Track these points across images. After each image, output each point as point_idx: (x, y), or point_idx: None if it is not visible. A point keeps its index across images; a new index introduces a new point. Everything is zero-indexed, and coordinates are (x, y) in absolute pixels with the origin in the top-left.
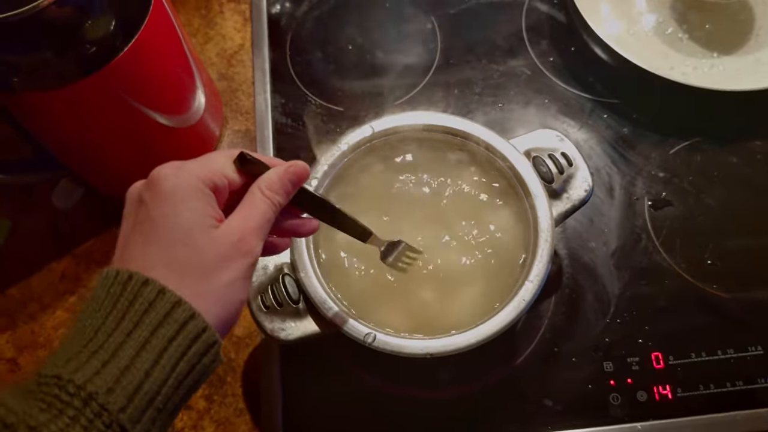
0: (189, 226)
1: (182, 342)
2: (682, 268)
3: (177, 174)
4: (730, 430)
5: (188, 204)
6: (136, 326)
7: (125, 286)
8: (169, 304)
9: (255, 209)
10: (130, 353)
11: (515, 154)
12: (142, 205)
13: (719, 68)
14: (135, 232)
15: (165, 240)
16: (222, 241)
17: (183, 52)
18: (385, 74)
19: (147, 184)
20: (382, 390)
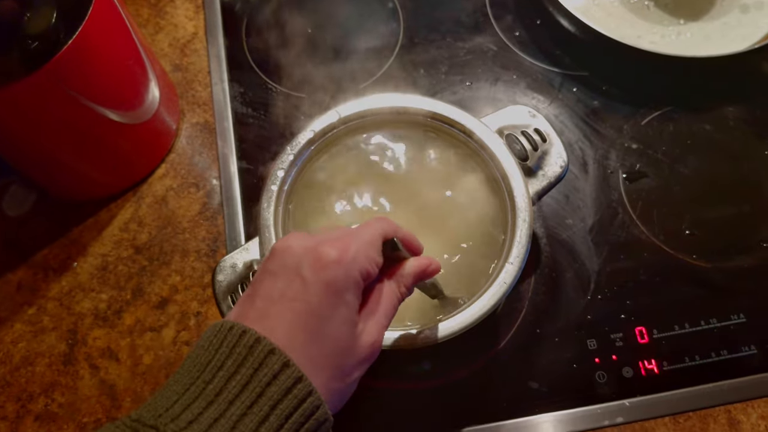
0: (342, 324)
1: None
2: (661, 240)
3: (344, 263)
4: (718, 400)
5: (346, 298)
6: (258, 398)
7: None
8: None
9: (390, 309)
10: (252, 427)
11: (488, 133)
12: (301, 279)
13: (687, 35)
14: (285, 304)
15: (316, 332)
16: (363, 345)
17: (132, 44)
18: (348, 57)
19: (314, 260)
20: (364, 384)
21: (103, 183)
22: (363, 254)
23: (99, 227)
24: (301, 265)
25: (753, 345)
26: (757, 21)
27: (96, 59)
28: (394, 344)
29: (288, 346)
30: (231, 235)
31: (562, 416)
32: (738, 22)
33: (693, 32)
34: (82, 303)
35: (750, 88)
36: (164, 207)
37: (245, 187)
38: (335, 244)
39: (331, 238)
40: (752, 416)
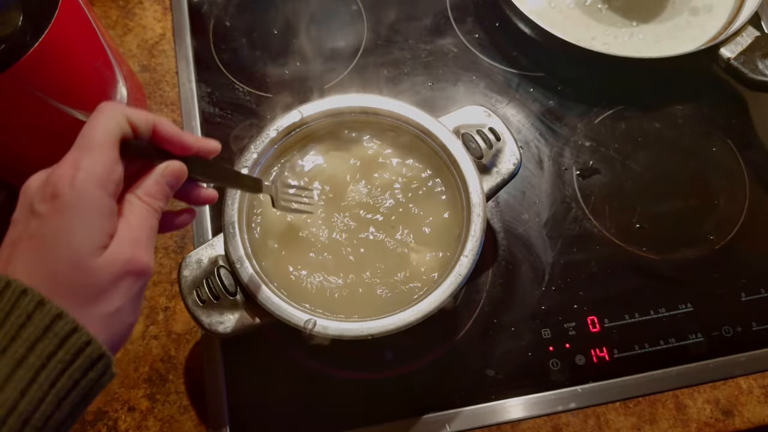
0: (81, 246)
1: (63, 358)
2: (612, 233)
3: (75, 180)
4: (666, 385)
5: (84, 220)
6: (12, 341)
7: (1, 295)
8: (50, 318)
9: (138, 220)
10: (5, 372)
11: (444, 132)
12: (35, 217)
13: (639, 36)
14: (23, 246)
15: (54, 260)
16: (113, 263)
17: (99, 45)
18: (313, 58)
19: (43, 193)
20: (327, 374)
21: None
22: (94, 166)
23: None
24: (34, 202)
25: (699, 333)
26: (706, 23)
27: (63, 61)
28: (353, 335)
29: (34, 285)
30: (198, 232)
31: (518, 402)
32: (688, 24)
33: (645, 34)
34: None
35: (698, 88)
36: None
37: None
38: (64, 165)
39: (61, 161)
40: (698, 401)
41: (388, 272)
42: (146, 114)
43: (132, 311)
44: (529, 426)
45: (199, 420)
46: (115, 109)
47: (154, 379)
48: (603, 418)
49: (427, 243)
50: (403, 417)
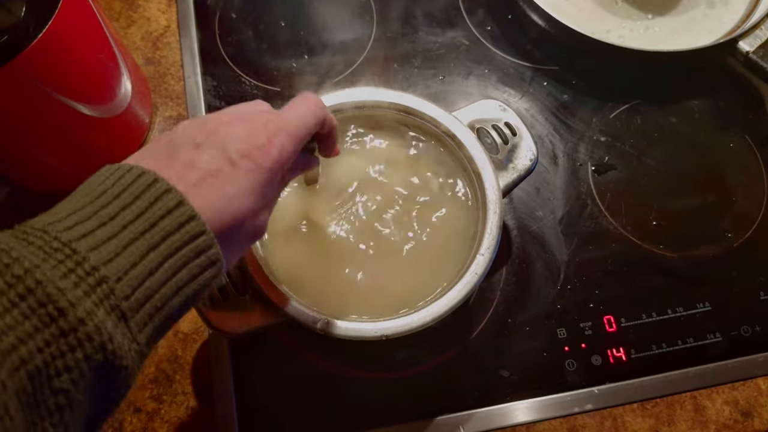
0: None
1: (188, 253)
2: (629, 231)
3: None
4: (684, 386)
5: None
6: (151, 227)
7: (149, 188)
8: (185, 216)
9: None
10: (141, 251)
11: (459, 127)
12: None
13: (655, 29)
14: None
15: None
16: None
17: (104, 37)
18: (322, 51)
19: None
20: (338, 374)
21: (77, 177)
22: (289, 152)
23: None
24: (230, 148)
25: (718, 333)
26: (723, 16)
27: (66, 53)
28: (367, 335)
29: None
30: None
31: (533, 404)
32: (704, 17)
33: (660, 27)
34: None
35: (715, 82)
36: None
37: None
38: (267, 136)
39: (266, 128)
40: (717, 402)
41: (401, 270)
42: (333, 119)
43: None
44: (544, 428)
45: (207, 422)
46: (321, 105)
47: (160, 380)
48: (620, 419)
49: (441, 240)
50: (416, 418)
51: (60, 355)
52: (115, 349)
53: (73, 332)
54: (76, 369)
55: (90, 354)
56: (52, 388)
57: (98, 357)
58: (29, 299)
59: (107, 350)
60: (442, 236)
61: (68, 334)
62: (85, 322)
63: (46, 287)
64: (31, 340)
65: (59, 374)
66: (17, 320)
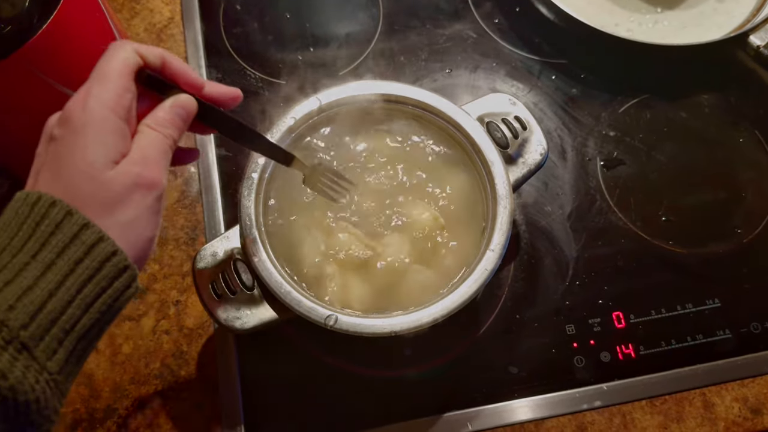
0: (95, 159)
1: (90, 264)
2: (638, 226)
3: (86, 105)
4: (693, 383)
5: (95, 137)
6: (42, 247)
7: (33, 207)
8: (77, 226)
9: (148, 143)
10: (34, 274)
11: (469, 121)
12: (53, 142)
13: (664, 23)
14: (45, 167)
15: (70, 174)
16: (124, 175)
17: (108, 28)
18: (328, 44)
19: (59, 120)
20: (344, 371)
21: None
22: (104, 91)
23: None
24: (52, 130)
25: (727, 329)
26: (732, 10)
27: (70, 44)
28: (375, 331)
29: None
30: (210, 224)
31: (541, 400)
32: (714, 11)
33: (670, 21)
34: None
35: (725, 76)
36: None
37: (224, 175)
38: (77, 96)
39: (78, 90)
40: (726, 399)
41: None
42: (156, 48)
43: (148, 223)
44: (553, 425)
45: (213, 417)
46: (125, 43)
47: (165, 376)
48: (629, 416)
49: (451, 237)
50: (424, 415)
51: None
52: (14, 385)
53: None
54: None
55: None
56: None
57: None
58: None
59: (1, 387)
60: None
61: None
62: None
63: None
64: None
65: None
66: None
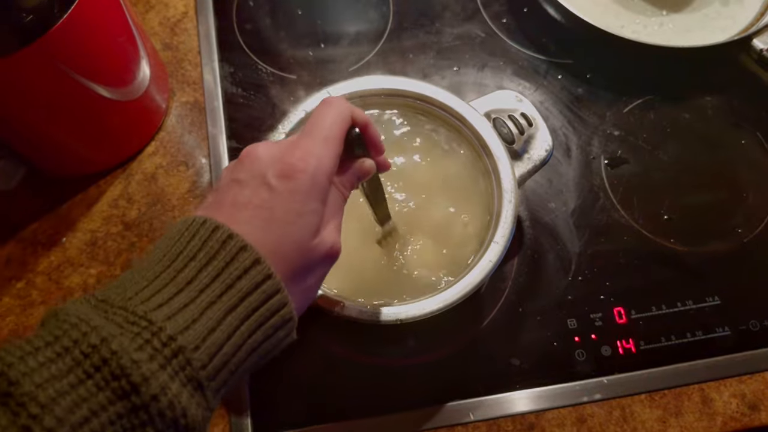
0: (307, 231)
1: (263, 313)
2: (640, 224)
3: (309, 171)
4: (692, 378)
5: (311, 206)
6: (227, 289)
7: (223, 244)
8: (261, 276)
9: (336, 207)
10: (218, 316)
11: (476, 116)
12: (267, 189)
13: (669, 26)
14: (252, 211)
15: (281, 235)
16: (324, 246)
17: (125, 21)
18: (338, 40)
19: (279, 170)
20: (349, 360)
21: (93, 159)
22: (327, 157)
23: (88, 203)
24: (267, 174)
25: (727, 326)
26: (737, 14)
27: (89, 35)
28: (378, 319)
29: (260, 251)
30: None
31: (542, 392)
32: (718, 15)
33: (675, 23)
34: (71, 278)
35: (729, 79)
36: (153, 184)
37: None
38: (300, 150)
39: (297, 143)
40: (724, 394)
41: (417, 256)
42: (363, 113)
43: (317, 289)
44: (553, 416)
45: (219, 405)
46: (344, 104)
47: None
48: (628, 409)
49: (456, 229)
50: (426, 405)
51: (131, 429)
52: (188, 423)
53: (145, 408)
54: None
55: (161, 429)
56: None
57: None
58: (104, 370)
59: (179, 425)
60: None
61: (140, 410)
62: (159, 399)
63: (120, 358)
64: (104, 413)
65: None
66: (90, 392)
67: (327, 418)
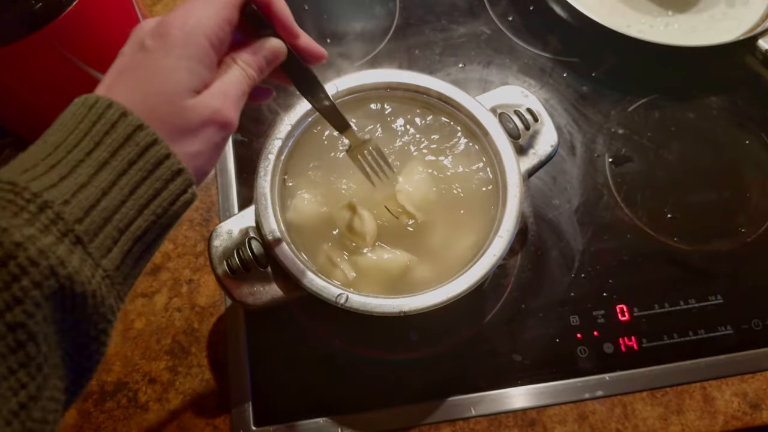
0: (178, 84)
1: (144, 166)
2: (644, 222)
3: (186, 27)
4: (694, 377)
5: (185, 62)
6: (96, 146)
7: (90, 108)
8: (131, 127)
9: (231, 79)
10: (89, 171)
11: (482, 111)
12: (143, 50)
13: (674, 26)
14: (127, 74)
15: (152, 91)
16: (203, 107)
17: (132, 11)
18: (344, 35)
19: (155, 29)
20: (352, 352)
21: None
22: (206, 17)
23: None
24: (145, 37)
25: (729, 325)
26: (742, 15)
27: (96, 24)
28: (384, 311)
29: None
30: (224, 206)
31: (544, 388)
32: (724, 16)
33: (680, 24)
34: None
35: (733, 79)
36: None
37: (239, 159)
38: (180, 11)
39: (177, 8)
40: (726, 393)
41: (422, 251)
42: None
43: (209, 159)
44: (555, 412)
45: (221, 394)
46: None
47: (176, 352)
48: (630, 407)
49: (461, 223)
50: (428, 399)
51: (4, 287)
52: (71, 274)
53: (12, 259)
54: (28, 299)
55: (39, 280)
56: (6, 324)
57: (51, 283)
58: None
59: (59, 275)
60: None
61: (7, 263)
62: (26, 247)
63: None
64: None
65: (9, 307)
66: None
67: (328, 410)
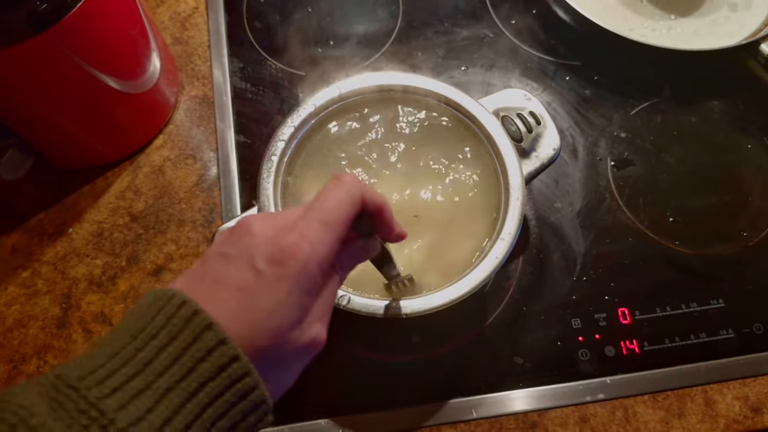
0: (286, 323)
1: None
2: (646, 226)
3: (301, 252)
4: (695, 380)
5: (298, 297)
6: (189, 372)
7: (188, 323)
8: (226, 358)
9: (331, 295)
10: (176, 403)
11: (484, 114)
12: (254, 271)
13: (677, 30)
14: (231, 292)
15: (258, 325)
16: (304, 338)
17: (137, 13)
18: (347, 38)
19: (269, 254)
20: (352, 354)
21: (101, 151)
22: (323, 244)
23: (95, 194)
24: (257, 255)
25: (730, 329)
26: (745, 19)
27: (101, 25)
28: (384, 314)
29: (232, 334)
30: (227, 207)
31: (545, 391)
32: (726, 20)
33: (682, 28)
34: (76, 268)
35: (735, 83)
36: (161, 177)
37: (242, 161)
38: (296, 233)
39: (295, 224)
40: (727, 397)
41: (425, 253)
42: (379, 197)
43: (296, 375)
44: (556, 415)
45: None
46: (356, 186)
47: None
48: (631, 410)
49: (463, 226)
50: (429, 401)
51: None
52: None
53: None
54: None
55: None
56: None
57: None
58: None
59: None
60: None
61: None
62: None
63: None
64: None
65: None
66: None
67: (329, 411)
